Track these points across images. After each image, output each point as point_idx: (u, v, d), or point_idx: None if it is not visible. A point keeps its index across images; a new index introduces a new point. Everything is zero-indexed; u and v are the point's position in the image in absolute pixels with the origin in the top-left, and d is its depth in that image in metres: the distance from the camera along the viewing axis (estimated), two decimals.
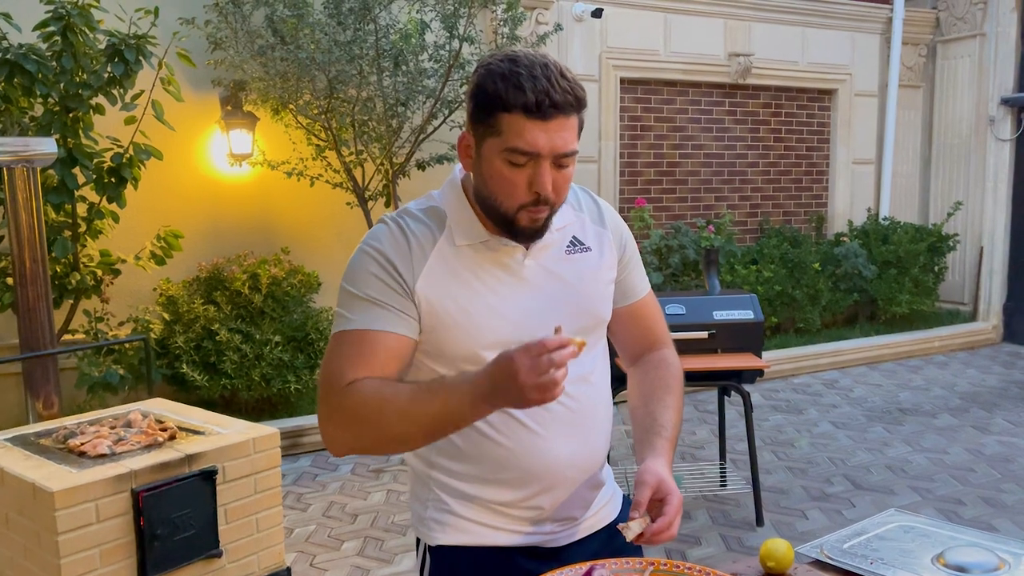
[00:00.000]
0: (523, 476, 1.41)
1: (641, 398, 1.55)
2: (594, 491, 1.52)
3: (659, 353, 1.62)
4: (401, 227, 1.39)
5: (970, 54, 8.32)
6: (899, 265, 7.82)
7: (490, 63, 1.30)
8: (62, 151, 4.36)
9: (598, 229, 1.50)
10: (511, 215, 1.32)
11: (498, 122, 1.28)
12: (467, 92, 1.34)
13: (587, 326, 1.46)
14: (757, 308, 3.91)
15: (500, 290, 1.38)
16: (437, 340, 1.37)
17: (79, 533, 2.48)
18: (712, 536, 3.86)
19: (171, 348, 5.11)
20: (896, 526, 1.76)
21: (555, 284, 1.42)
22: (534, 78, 1.25)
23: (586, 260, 1.46)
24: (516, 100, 1.25)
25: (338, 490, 4.51)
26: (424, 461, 1.47)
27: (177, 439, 2.86)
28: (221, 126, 5.62)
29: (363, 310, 1.35)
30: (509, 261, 1.39)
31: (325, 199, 5.83)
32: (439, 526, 1.45)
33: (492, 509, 1.44)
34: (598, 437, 1.48)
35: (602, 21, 6.90)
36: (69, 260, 4.75)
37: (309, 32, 5.06)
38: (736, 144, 7.90)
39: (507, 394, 1.20)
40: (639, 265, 1.61)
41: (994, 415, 5.76)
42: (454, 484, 1.44)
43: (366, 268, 1.37)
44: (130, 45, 4.48)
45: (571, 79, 1.29)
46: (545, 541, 1.47)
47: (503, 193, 1.31)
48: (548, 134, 1.27)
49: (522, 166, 1.29)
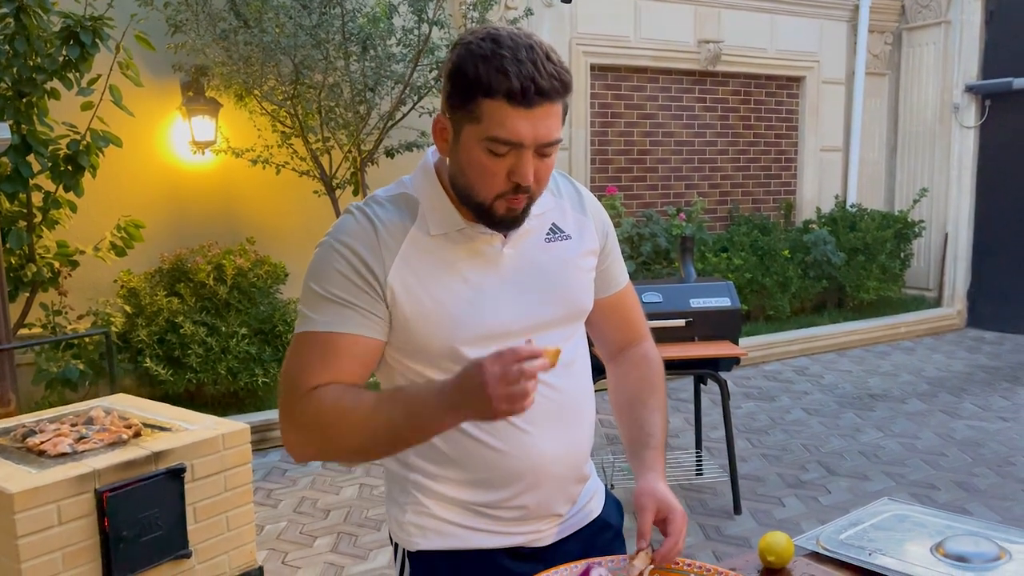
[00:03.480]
0: (508, 475, 1.34)
1: (626, 402, 1.51)
2: (579, 485, 1.45)
3: (640, 349, 1.57)
4: (368, 217, 1.30)
5: (935, 41, 8.40)
6: (866, 252, 7.89)
7: (470, 41, 1.20)
8: (16, 138, 4.20)
9: (579, 216, 1.43)
10: (487, 204, 1.25)
11: (478, 108, 1.18)
12: (443, 70, 1.24)
13: (568, 315, 1.39)
14: (734, 296, 3.88)
15: (477, 281, 1.30)
16: (412, 336, 1.29)
17: (40, 536, 2.37)
18: (691, 526, 3.83)
19: (133, 342, 4.96)
20: (890, 515, 1.73)
21: (535, 273, 1.35)
22: (519, 62, 1.15)
23: (566, 248, 1.39)
24: (499, 86, 1.15)
25: (309, 485, 4.41)
26: (401, 463, 1.39)
27: (142, 436, 2.75)
28: (183, 112, 5.46)
29: (328, 311, 1.26)
30: (487, 250, 1.32)
31: (291, 187, 5.70)
32: (419, 531, 1.38)
33: (475, 511, 1.36)
34: (583, 430, 1.43)
35: (572, 7, 6.83)
36: (24, 251, 4.58)
37: (273, 16, 4.93)
38: (706, 131, 7.90)
39: (475, 404, 1.12)
40: (619, 255, 1.54)
41: (962, 400, 5.83)
42: (434, 487, 1.36)
43: (331, 265, 1.28)
44: (86, 27, 4.31)
45: (556, 62, 1.19)
46: (530, 541, 1.40)
47: (481, 182, 1.23)
48: (532, 123, 1.18)
49: (503, 156, 1.20)
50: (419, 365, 1.32)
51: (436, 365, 1.30)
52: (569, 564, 1.33)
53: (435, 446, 1.33)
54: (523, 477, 1.34)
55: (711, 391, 4.91)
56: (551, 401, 1.34)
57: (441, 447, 1.33)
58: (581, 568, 1.31)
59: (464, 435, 1.32)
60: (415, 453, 1.36)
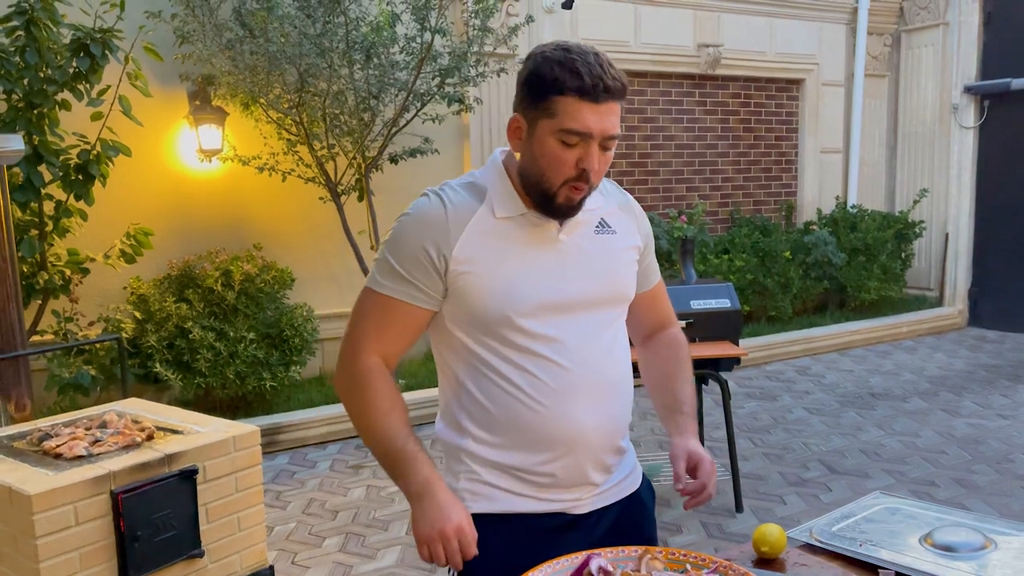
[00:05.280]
0: (547, 440, 1.49)
1: (660, 375, 1.71)
2: (614, 457, 1.59)
3: (670, 331, 1.77)
4: (441, 198, 1.49)
5: (934, 43, 8.45)
6: (867, 252, 7.94)
7: (544, 51, 1.41)
8: (28, 148, 4.27)
9: (624, 217, 1.62)
10: (553, 190, 1.43)
11: (553, 104, 1.38)
12: (519, 77, 1.45)
13: (611, 298, 1.57)
14: (734, 297, 3.94)
15: (534, 259, 1.48)
16: (472, 306, 1.47)
17: (58, 536, 2.42)
18: (693, 523, 3.89)
19: (143, 347, 5.03)
20: (882, 508, 1.79)
21: (584, 258, 1.53)
22: (588, 64, 1.36)
23: (612, 241, 1.58)
24: (572, 84, 1.36)
25: (317, 487, 4.48)
26: (455, 429, 1.56)
27: (155, 439, 2.81)
28: (190, 121, 5.54)
29: (393, 279, 1.48)
30: (544, 234, 1.50)
31: (297, 194, 5.77)
32: (471, 495, 1.53)
33: (516, 476, 1.52)
34: (619, 406, 1.57)
35: (572, 13, 6.89)
36: (36, 259, 4.66)
37: (278, 25, 5.00)
38: (706, 134, 7.95)
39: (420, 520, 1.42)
40: (655, 257, 1.76)
41: (963, 398, 5.88)
42: (482, 452, 1.52)
43: (403, 239, 1.48)
44: (95, 39, 4.39)
45: (616, 68, 1.41)
46: (568, 507, 1.54)
47: (552, 169, 1.41)
48: (599, 116, 1.38)
49: (573, 146, 1.39)
50: (477, 333, 1.49)
51: (492, 333, 1.47)
52: (570, 555, 1.39)
53: (486, 409, 1.50)
54: (560, 443, 1.50)
55: (713, 391, 4.97)
56: (591, 377, 1.51)
57: (490, 409, 1.50)
58: (582, 558, 1.38)
59: (506, 393, 1.48)
60: (469, 418, 1.53)
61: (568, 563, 1.37)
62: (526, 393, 1.47)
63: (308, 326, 5.40)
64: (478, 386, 1.50)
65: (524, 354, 1.47)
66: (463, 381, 1.52)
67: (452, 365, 1.54)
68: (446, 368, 1.56)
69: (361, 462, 4.84)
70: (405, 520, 4.01)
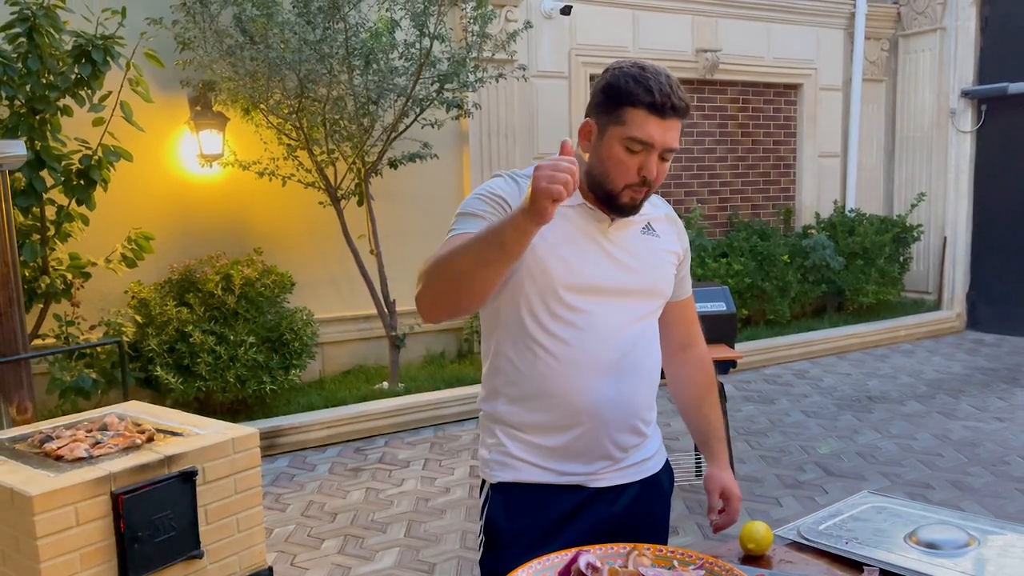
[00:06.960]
0: (567, 407, 1.61)
1: (691, 396, 1.89)
2: (633, 436, 1.68)
3: (698, 351, 1.91)
4: (513, 178, 1.64)
5: (931, 48, 8.49)
6: (865, 256, 7.96)
7: (621, 66, 1.56)
8: (30, 153, 4.30)
9: (668, 226, 1.76)
10: (617, 191, 1.56)
11: (624, 114, 1.52)
12: (595, 86, 1.60)
13: (649, 290, 1.69)
14: (729, 300, 3.97)
15: (585, 244, 1.62)
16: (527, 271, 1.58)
17: (59, 537, 2.45)
18: (689, 525, 3.92)
19: (144, 351, 5.07)
20: (869, 507, 1.82)
21: (629, 252, 1.66)
22: (660, 83, 1.51)
23: (655, 243, 1.71)
24: (644, 98, 1.51)
25: (316, 489, 4.50)
26: (491, 394, 1.70)
27: (155, 441, 2.84)
28: (191, 127, 5.58)
29: (467, 221, 1.58)
30: (597, 225, 1.64)
31: (297, 199, 5.81)
32: (499, 465, 1.67)
33: (537, 448, 1.64)
34: (642, 390, 1.69)
35: (571, 18, 6.94)
36: (38, 264, 4.69)
37: (278, 31, 5.04)
38: (705, 139, 7.99)
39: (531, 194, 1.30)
40: (689, 271, 1.88)
41: (959, 401, 5.90)
42: (510, 416, 1.66)
43: (477, 197, 1.61)
44: (97, 46, 4.43)
45: (683, 90, 1.56)
46: (586, 480, 1.65)
47: (616, 172, 1.55)
48: (663, 130, 1.52)
49: (636, 153, 1.53)
50: (525, 302, 1.61)
51: (538, 302, 1.60)
52: (560, 552, 1.42)
53: (520, 371, 1.63)
54: (579, 411, 1.61)
55: None
56: (616, 356, 1.62)
57: (523, 370, 1.62)
58: (571, 555, 1.41)
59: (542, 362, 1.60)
60: (504, 381, 1.66)
61: (558, 559, 1.40)
62: (556, 359, 1.60)
63: (308, 330, 5.43)
64: (516, 352, 1.63)
65: (561, 323, 1.59)
66: (504, 350, 1.65)
67: (499, 341, 1.67)
68: (492, 345, 1.69)
69: (360, 465, 4.87)
70: (403, 522, 4.04)
